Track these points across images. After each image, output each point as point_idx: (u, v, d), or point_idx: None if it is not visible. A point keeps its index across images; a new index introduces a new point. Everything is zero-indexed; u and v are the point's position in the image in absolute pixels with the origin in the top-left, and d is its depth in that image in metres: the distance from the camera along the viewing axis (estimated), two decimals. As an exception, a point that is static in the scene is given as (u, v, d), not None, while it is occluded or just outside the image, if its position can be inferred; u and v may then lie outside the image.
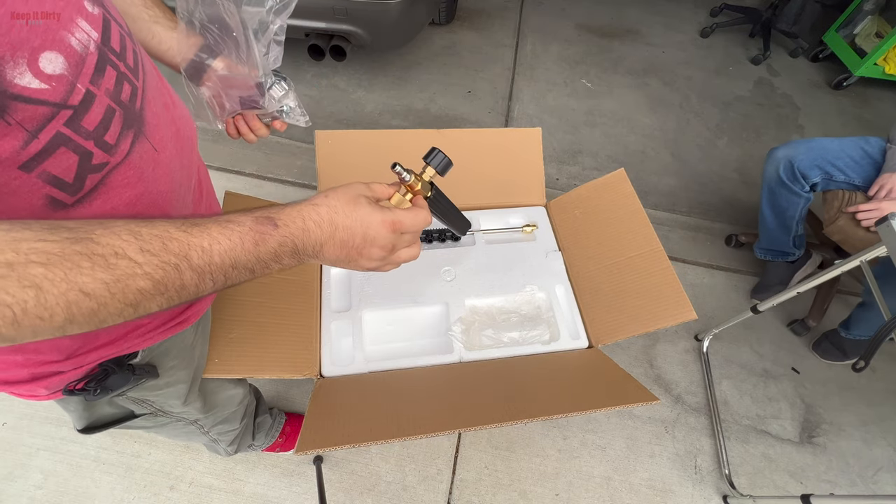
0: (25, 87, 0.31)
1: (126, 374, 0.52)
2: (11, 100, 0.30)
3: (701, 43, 2.70)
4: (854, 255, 1.03)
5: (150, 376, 0.56)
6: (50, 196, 0.36)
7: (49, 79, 0.32)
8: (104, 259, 0.29)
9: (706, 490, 1.27)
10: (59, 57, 0.33)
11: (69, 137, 0.35)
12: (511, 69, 2.37)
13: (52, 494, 1.14)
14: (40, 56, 0.32)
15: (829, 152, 1.35)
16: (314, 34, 1.80)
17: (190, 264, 0.33)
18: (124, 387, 0.53)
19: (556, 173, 1.97)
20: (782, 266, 1.60)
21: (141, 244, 0.30)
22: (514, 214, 1.04)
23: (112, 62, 0.39)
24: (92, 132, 0.37)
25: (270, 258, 0.38)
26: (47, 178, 0.35)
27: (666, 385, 1.44)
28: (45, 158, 0.34)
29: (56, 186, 0.36)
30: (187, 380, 0.65)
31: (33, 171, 0.34)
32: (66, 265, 0.27)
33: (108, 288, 0.29)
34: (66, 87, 0.34)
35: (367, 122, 2.05)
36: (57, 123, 0.34)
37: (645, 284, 0.83)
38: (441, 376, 0.76)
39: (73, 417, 0.62)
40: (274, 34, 0.56)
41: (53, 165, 0.35)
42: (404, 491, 1.20)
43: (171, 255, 0.32)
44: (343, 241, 0.42)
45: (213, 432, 0.84)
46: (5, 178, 0.32)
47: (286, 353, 0.78)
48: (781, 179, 1.41)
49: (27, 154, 0.33)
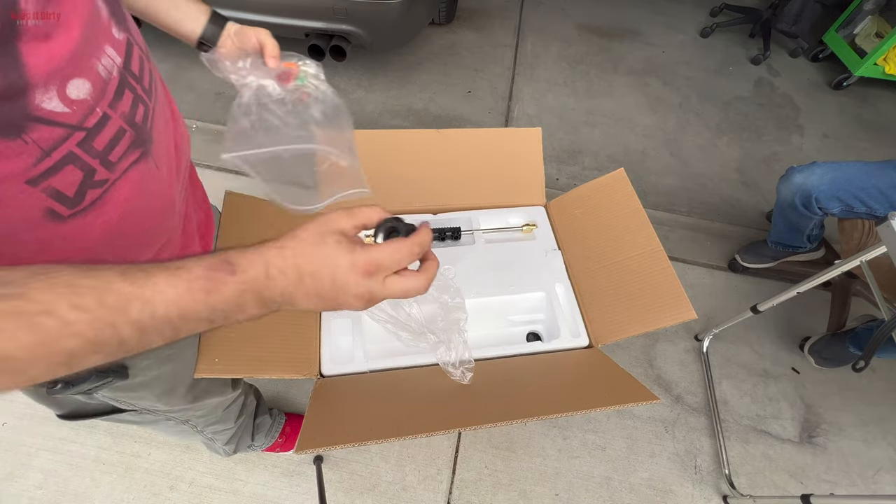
0: (51, 111, 0.32)
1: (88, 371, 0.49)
2: (33, 121, 0.31)
3: (701, 43, 2.70)
4: (854, 255, 1.03)
5: (118, 377, 0.54)
6: (49, 208, 0.36)
7: (72, 103, 0.33)
8: (29, 319, 0.27)
9: (706, 490, 1.27)
10: (87, 84, 0.34)
11: (78, 156, 0.35)
12: (511, 69, 2.37)
13: (52, 494, 1.14)
14: (69, 83, 0.32)
15: (852, 183, 1.22)
16: (314, 34, 1.80)
17: (129, 318, 0.30)
18: (85, 383, 0.50)
19: (556, 173, 1.97)
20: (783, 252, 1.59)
21: (75, 300, 0.28)
22: (514, 214, 1.04)
23: (131, 85, 0.39)
24: (100, 152, 0.37)
25: (230, 308, 0.33)
26: (51, 193, 0.35)
27: (666, 385, 1.44)
28: (53, 175, 0.34)
29: (57, 200, 0.36)
30: (167, 378, 0.63)
31: (39, 185, 0.34)
32: None
33: (30, 351, 0.27)
34: (86, 111, 0.35)
35: (367, 122, 2.05)
36: (70, 144, 0.34)
37: (645, 284, 0.83)
38: (441, 375, 0.76)
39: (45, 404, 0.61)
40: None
41: (59, 181, 0.35)
42: (404, 491, 1.20)
43: (107, 310, 0.29)
44: (312, 287, 0.36)
45: (207, 432, 0.84)
46: (12, 191, 0.33)
47: (286, 353, 0.78)
48: (795, 205, 1.34)
49: (37, 171, 0.33)
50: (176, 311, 0.31)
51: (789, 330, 1.59)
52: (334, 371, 0.79)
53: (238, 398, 0.89)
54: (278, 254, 0.35)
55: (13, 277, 0.27)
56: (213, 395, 0.79)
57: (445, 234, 0.99)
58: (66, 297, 0.28)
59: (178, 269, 0.32)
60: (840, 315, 1.48)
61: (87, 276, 0.29)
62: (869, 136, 2.31)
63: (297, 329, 0.82)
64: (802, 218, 1.38)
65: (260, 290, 0.34)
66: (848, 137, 2.29)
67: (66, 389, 0.50)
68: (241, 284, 0.33)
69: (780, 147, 2.20)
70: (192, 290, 0.31)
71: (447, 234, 1.00)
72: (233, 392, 0.86)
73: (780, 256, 1.62)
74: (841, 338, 1.41)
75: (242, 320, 0.35)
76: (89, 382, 0.51)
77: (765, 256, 1.64)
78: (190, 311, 0.32)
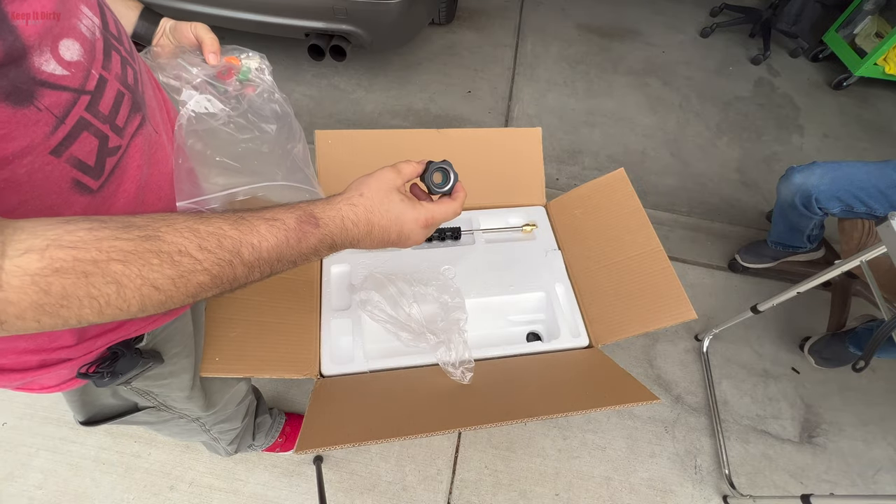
0: (51, 74, 0.33)
1: (134, 358, 0.53)
2: (39, 86, 0.32)
3: (701, 43, 2.70)
4: (854, 255, 1.03)
5: (156, 361, 0.57)
6: (77, 180, 0.38)
7: (69, 65, 0.34)
8: (170, 256, 0.32)
9: (706, 490, 1.27)
10: (76, 44, 0.35)
11: (90, 122, 0.37)
12: (511, 69, 2.37)
13: (52, 494, 1.14)
14: (60, 43, 0.33)
15: (853, 183, 1.22)
16: (314, 34, 1.80)
17: (241, 260, 0.36)
18: (132, 371, 0.53)
19: (556, 173, 1.97)
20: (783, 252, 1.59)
21: (200, 241, 0.34)
22: (514, 214, 1.04)
23: (115, 47, 0.40)
24: (107, 116, 0.39)
25: (311, 252, 0.41)
26: (74, 163, 0.37)
27: (666, 385, 1.44)
28: (72, 143, 0.36)
29: (81, 171, 0.38)
30: (190, 369, 0.65)
31: (62, 155, 0.36)
32: (140, 262, 0.31)
33: (174, 283, 0.32)
34: (84, 73, 0.36)
35: (367, 122, 2.05)
36: (79, 109, 0.36)
37: (645, 284, 0.83)
38: (441, 375, 0.76)
39: (74, 409, 0.62)
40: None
41: (78, 150, 0.37)
42: (404, 491, 1.20)
43: (226, 251, 0.35)
44: (379, 237, 0.45)
45: (214, 430, 0.84)
46: (39, 163, 0.34)
47: (286, 353, 0.78)
48: (795, 205, 1.34)
49: (56, 139, 0.35)
50: (276, 254, 0.38)
51: (789, 330, 1.59)
52: (334, 371, 0.79)
53: (247, 396, 0.89)
54: (352, 210, 0.43)
55: (142, 223, 0.32)
56: (229, 386, 0.80)
57: (445, 234, 1.00)
58: (192, 240, 0.33)
59: (275, 221, 0.38)
60: (840, 315, 1.47)
61: (202, 222, 0.35)
62: (869, 136, 2.31)
63: (297, 329, 0.82)
64: (802, 218, 1.38)
65: (335, 239, 0.42)
66: (848, 137, 2.29)
67: (115, 379, 0.52)
68: (322, 235, 0.41)
69: (780, 147, 2.20)
70: (288, 238, 0.39)
71: (447, 234, 1.00)
72: (245, 387, 0.87)
73: (780, 256, 1.62)
74: (841, 338, 1.41)
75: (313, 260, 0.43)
76: (136, 369, 0.54)
77: (765, 256, 1.64)
78: (284, 255, 0.39)
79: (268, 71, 0.58)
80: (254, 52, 0.58)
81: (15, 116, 0.31)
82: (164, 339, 0.58)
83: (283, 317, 0.81)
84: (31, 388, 0.49)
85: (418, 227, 0.47)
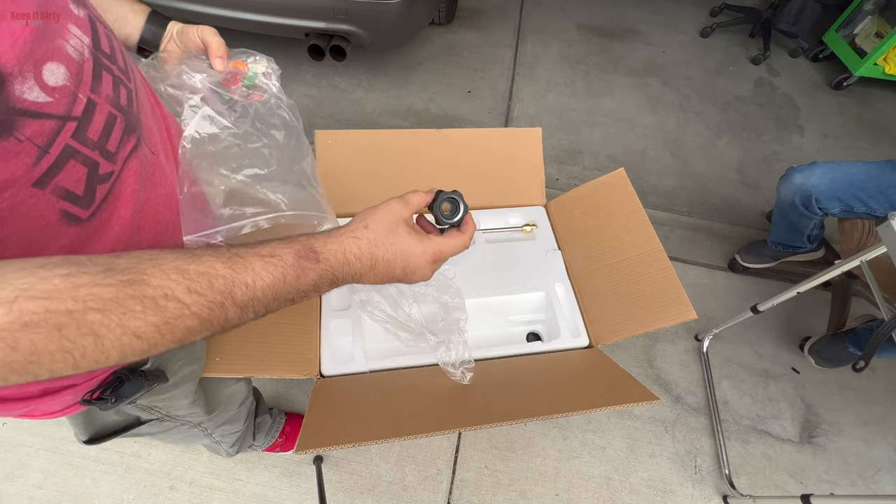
0: (34, 102, 0.31)
1: (140, 381, 0.51)
2: (20, 115, 0.30)
3: (701, 43, 2.70)
4: (854, 255, 1.03)
5: (161, 381, 0.56)
6: (65, 211, 0.35)
7: (52, 91, 0.32)
8: (154, 301, 0.30)
9: (706, 490, 1.27)
10: (61, 67, 0.33)
11: (76, 149, 0.35)
12: (511, 69, 2.37)
13: (52, 494, 1.14)
14: (43, 68, 0.31)
15: (853, 183, 1.22)
16: (314, 34, 1.80)
17: (234, 300, 0.34)
18: (138, 393, 0.52)
19: (556, 173, 1.97)
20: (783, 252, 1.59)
21: (189, 283, 0.31)
22: (514, 214, 1.04)
23: (106, 66, 0.38)
24: (97, 142, 0.36)
25: (310, 289, 0.39)
26: (61, 193, 0.35)
27: (666, 385, 1.44)
28: (57, 173, 0.34)
29: (69, 201, 0.36)
30: (194, 377, 0.65)
31: (47, 186, 0.34)
32: (120, 310, 0.28)
33: (158, 330, 0.30)
34: (69, 98, 0.34)
35: (367, 122, 2.05)
36: (65, 136, 0.34)
37: (645, 284, 0.83)
38: (441, 375, 0.76)
39: (77, 429, 0.61)
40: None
41: (65, 179, 0.35)
42: (404, 491, 1.20)
43: (217, 293, 0.33)
44: (383, 272, 0.43)
45: (216, 434, 0.84)
46: (22, 196, 0.32)
47: (286, 353, 0.78)
48: (795, 205, 1.34)
49: (39, 170, 0.33)
50: (271, 293, 0.36)
51: (789, 330, 1.59)
52: (334, 371, 0.79)
53: (248, 397, 0.89)
54: (355, 243, 0.41)
55: (125, 265, 0.30)
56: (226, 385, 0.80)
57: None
58: (180, 282, 0.31)
59: (272, 257, 0.36)
60: (840, 315, 1.47)
61: (192, 261, 0.32)
62: (869, 136, 2.31)
63: (297, 329, 0.82)
64: (802, 218, 1.38)
65: (336, 274, 0.40)
66: (848, 137, 2.29)
67: (120, 402, 0.50)
68: (323, 271, 0.39)
69: (780, 147, 2.20)
70: (285, 276, 0.37)
71: (447, 234, 1.00)
72: (245, 388, 0.86)
73: (780, 256, 1.62)
74: (841, 338, 1.41)
75: (313, 297, 0.40)
76: (142, 391, 0.52)
77: (765, 256, 1.64)
78: (281, 293, 0.37)
79: (275, 76, 0.56)
80: (261, 55, 0.56)
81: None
82: (167, 357, 0.57)
83: (283, 317, 0.81)
84: (34, 415, 0.48)
85: (425, 262, 0.45)
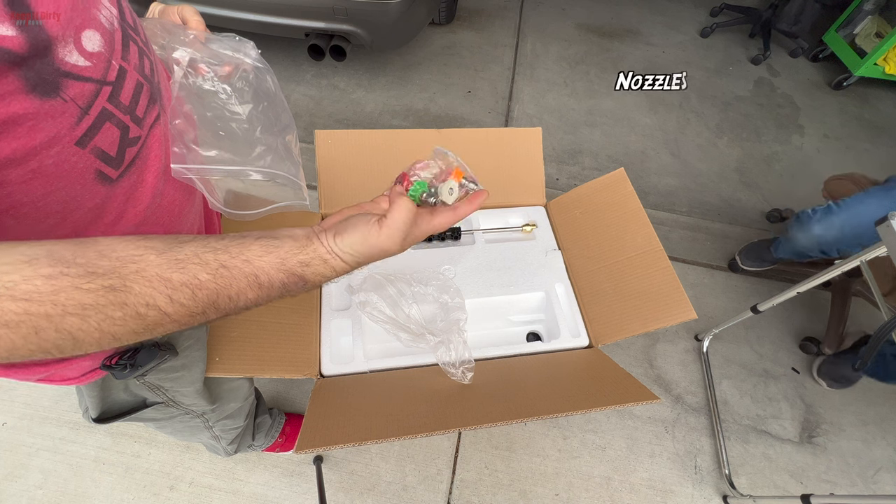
0: (75, 65, 0.33)
1: (153, 350, 0.54)
2: (64, 77, 0.33)
3: (701, 43, 2.70)
4: (853, 255, 1.03)
5: (172, 354, 0.58)
6: (99, 171, 0.38)
7: (91, 56, 0.35)
8: (135, 309, 0.31)
9: (706, 490, 1.27)
10: (97, 34, 0.35)
11: (112, 112, 0.37)
12: (511, 69, 2.37)
13: (52, 494, 1.14)
14: (82, 34, 0.34)
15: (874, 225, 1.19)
16: (314, 34, 1.80)
17: (217, 308, 0.35)
18: (151, 362, 0.54)
19: (556, 173, 1.97)
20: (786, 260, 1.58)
21: (171, 293, 0.32)
22: (514, 214, 1.04)
23: (132, 38, 0.41)
24: (128, 106, 0.39)
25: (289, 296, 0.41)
26: (98, 153, 0.37)
27: (666, 385, 1.44)
28: (95, 134, 0.36)
29: (104, 161, 0.38)
30: (201, 361, 0.66)
31: (87, 146, 0.36)
32: (100, 316, 0.29)
33: (136, 335, 0.32)
34: (105, 64, 0.36)
35: (367, 122, 2.05)
36: (102, 99, 0.36)
37: (645, 284, 0.83)
38: (441, 375, 0.76)
39: (90, 404, 0.63)
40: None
41: (102, 140, 0.37)
42: (404, 491, 1.20)
43: (199, 304, 0.34)
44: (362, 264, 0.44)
45: (217, 427, 0.84)
46: (66, 154, 0.35)
47: (286, 353, 0.78)
48: (812, 252, 1.31)
49: (81, 130, 0.35)
50: (254, 304, 0.38)
51: (789, 330, 1.59)
52: (334, 371, 0.79)
53: (250, 394, 0.90)
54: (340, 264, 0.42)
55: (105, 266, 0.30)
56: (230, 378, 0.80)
57: (445, 234, 0.99)
58: (163, 291, 0.32)
59: (257, 278, 0.37)
60: (840, 315, 1.48)
61: (177, 270, 0.33)
62: (869, 136, 2.31)
63: (297, 329, 0.82)
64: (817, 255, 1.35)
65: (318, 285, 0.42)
66: (848, 137, 2.29)
67: (134, 371, 0.53)
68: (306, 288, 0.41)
69: (780, 147, 2.20)
70: (269, 296, 0.38)
71: (447, 234, 1.00)
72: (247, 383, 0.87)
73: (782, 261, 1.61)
74: (845, 360, 1.42)
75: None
76: (154, 360, 0.54)
77: (766, 261, 1.64)
78: (262, 303, 0.38)
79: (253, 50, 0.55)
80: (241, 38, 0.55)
81: (42, 108, 0.32)
82: (175, 334, 0.59)
83: (283, 317, 0.81)
84: (53, 379, 0.50)
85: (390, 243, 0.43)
